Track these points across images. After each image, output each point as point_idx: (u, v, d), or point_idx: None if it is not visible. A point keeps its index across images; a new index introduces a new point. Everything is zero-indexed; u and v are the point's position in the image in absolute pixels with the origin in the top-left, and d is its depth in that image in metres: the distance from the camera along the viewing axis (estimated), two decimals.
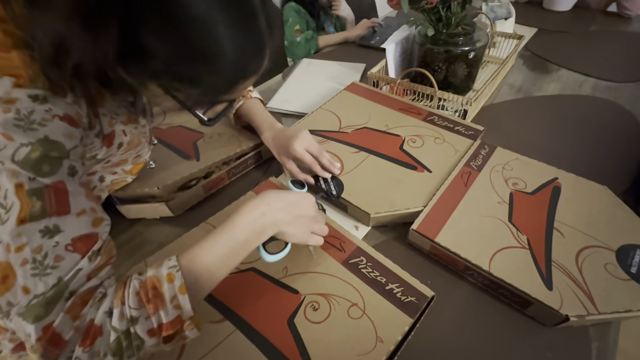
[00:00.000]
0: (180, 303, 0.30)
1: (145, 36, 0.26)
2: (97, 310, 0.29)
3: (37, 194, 0.27)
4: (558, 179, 0.53)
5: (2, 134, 0.26)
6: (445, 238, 0.45)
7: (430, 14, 0.72)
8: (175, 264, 0.32)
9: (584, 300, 0.38)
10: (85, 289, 0.29)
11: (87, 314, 0.29)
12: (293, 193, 0.41)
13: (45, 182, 0.28)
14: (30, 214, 0.27)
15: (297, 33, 1.19)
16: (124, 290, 0.30)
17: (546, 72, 0.88)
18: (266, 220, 0.36)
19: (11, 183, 0.26)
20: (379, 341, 0.36)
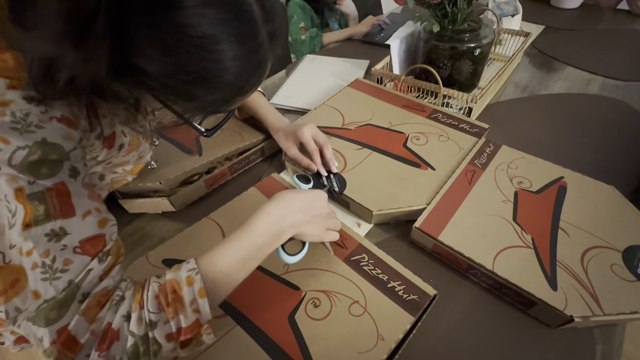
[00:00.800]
0: (200, 307, 0.30)
1: (140, 56, 0.25)
2: (114, 314, 0.29)
3: (38, 198, 0.27)
4: (564, 178, 0.52)
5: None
6: (449, 236, 0.45)
7: (436, 9, 0.71)
8: (194, 267, 0.31)
9: (589, 301, 0.38)
10: (100, 289, 0.29)
11: (105, 317, 0.28)
12: (307, 192, 0.40)
13: (46, 184, 0.27)
14: (34, 218, 0.26)
15: (302, 31, 1.18)
16: (142, 294, 0.30)
17: (553, 70, 0.87)
18: (284, 223, 0.37)
19: (10, 188, 0.26)
20: (380, 339, 0.35)
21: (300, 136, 0.55)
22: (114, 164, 0.42)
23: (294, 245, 0.39)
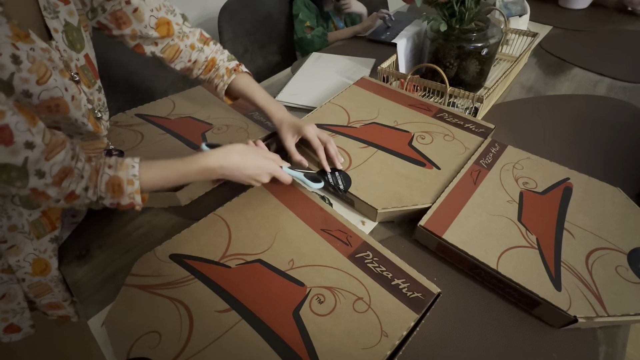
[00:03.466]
0: (134, 199, 0.41)
1: None
2: (76, 185, 0.38)
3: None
4: (570, 180, 0.52)
5: None
6: (453, 235, 0.45)
7: (444, 8, 0.70)
8: (136, 174, 0.40)
9: (593, 302, 0.38)
10: (62, 167, 0.36)
11: (69, 186, 0.37)
12: (252, 156, 0.47)
13: None
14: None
15: (307, 30, 1.18)
16: (97, 178, 0.39)
17: (560, 71, 0.86)
18: (217, 173, 0.45)
19: None
20: (383, 335, 0.36)
21: (305, 132, 0.55)
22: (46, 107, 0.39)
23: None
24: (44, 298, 0.46)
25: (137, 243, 0.52)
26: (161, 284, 0.41)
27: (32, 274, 0.43)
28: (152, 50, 0.54)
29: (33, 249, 0.42)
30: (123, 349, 0.36)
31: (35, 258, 0.43)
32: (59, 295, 0.46)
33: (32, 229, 0.41)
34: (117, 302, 0.40)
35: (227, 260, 0.44)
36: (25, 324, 0.48)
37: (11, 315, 0.46)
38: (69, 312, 0.49)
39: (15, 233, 0.41)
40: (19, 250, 0.42)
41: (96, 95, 0.48)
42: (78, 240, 0.52)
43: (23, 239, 0.42)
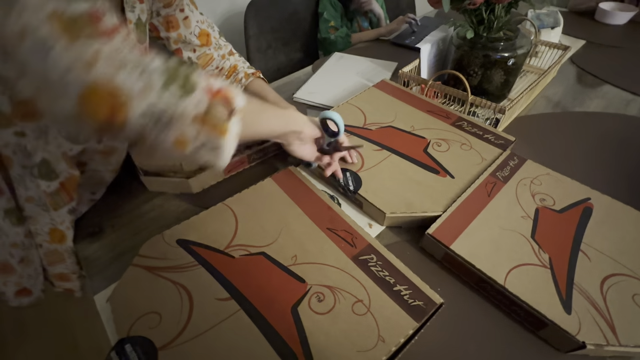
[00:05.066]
0: (230, 123, 0.32)
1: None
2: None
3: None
4: (590, 200, 0.50)
5: None
6: (461, 247, 0.44)
7: (472, 15, 0.69)
8: (241, 109, 0.33)
9: (605, 329, 0.36)
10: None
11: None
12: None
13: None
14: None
15: (331, 30, 1.18)
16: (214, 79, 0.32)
17: (590, 87, 0.83)
18: (292, 137, 0.47)
19: None
20: (380, 340, 0.35)
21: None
22: None
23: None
24: (56, 267, 0.48)
25: (147, 225, 0.53)
26: (166, 267, 0.42)
27: (50, 242, 0.45)
28: (189, 56, 0.61)
29: (50, 220, 0.44)
30: (124, 326, 0.37)
31: (52, 228, 0.45)
32: (69, 267, 0.48)
33: (49, 201, 0.43)
34: (123, 281, 0.41)
35: (232, 250, 0.44)
36: (37, 289, 0.50)
37: (25, 280, 0.48)
38: (75, 286, 0.51)
39: (32, 205, 0.43)
40: (36, 220, 0.44)
41: None
42: (93, 218, 0.54)
43: (39, 210, 0.44)
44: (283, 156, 0.65)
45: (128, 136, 0.28)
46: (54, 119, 0.27)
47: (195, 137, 0.30)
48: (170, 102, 0.28)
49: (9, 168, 0.40)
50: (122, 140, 0.34)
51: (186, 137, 0.30)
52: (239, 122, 0.32)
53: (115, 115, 0.26)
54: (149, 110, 0.27)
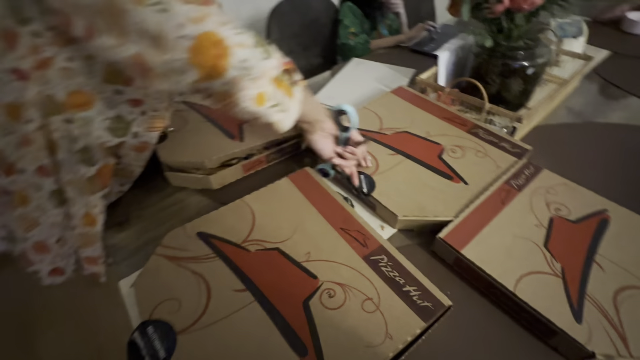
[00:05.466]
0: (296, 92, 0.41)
1: None
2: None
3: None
4: (608, 212, 0.49)
5: None
6: (472, 252, 0.44)
7: (492, 24, 0.69)
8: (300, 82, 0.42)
9: (616, 340, 0.36)
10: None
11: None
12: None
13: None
14: None
15: (351, 36, 1.20)
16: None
17: (613, 98, 0.81)
18: (317, 126, 0.51)
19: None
20: (388, 337, 0.36)
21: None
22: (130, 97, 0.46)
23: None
24: (86, 250, 0.51)
25: (170, 218, 0.56)
26: (186, 257, 0.45)
27: (83, 225, 0.49)
28: None
29: (85, 204, 0.48)
30: (147, 310, 0.39)
31: (85, 212, 0.48)
32: (97, 251, 0.51)
33: (86, 186, 0.47)
34: (146, 269, 0.44)
35: (248, 245, 0.46)
36: (69, 269, 0.54)
37: (59, 259, 0.51)
38: (101, 271, 0.54)
39: (72, 188, 0.47)
40: (73, 203, 0.48)
41: None
42: (120, 209, 0.58)
43: (77, 194, 0.47)
44: (299, 157, 0.67)
45: (222, 87, 0.33)
46: (162, 73, 0.32)
47: (272, 95, 0.36)
48: (257, 60, 0.34)
49: (56, 152, 0.44)
50: (212, 98, 0.37)
51: (265, 94, 0.36)
52: (301, 92, 0.40)
53: (217, 62, 0.31)
54: (243, 63, 0.32)
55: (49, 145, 0.43)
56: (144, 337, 0.36)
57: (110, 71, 0.43)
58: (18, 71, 0.39)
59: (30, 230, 0.47)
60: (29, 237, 0.47)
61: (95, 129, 0.44)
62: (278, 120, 0.40)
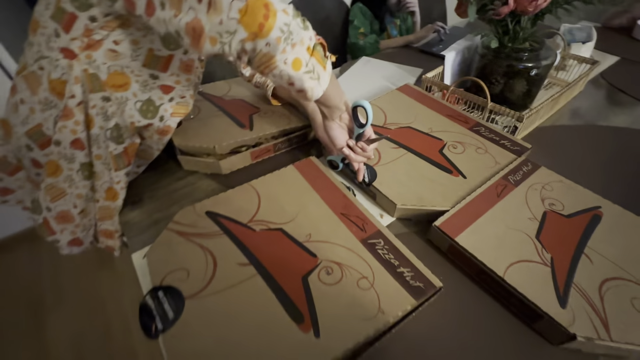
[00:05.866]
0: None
1: None
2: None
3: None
4: (601, 208, 0.51)
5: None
6: (466, 240, 0.46)
7: (498, 25, 0.71)
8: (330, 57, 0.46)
9: (598, 325, 0.38)
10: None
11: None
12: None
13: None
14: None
15: (360, 36, 1.22)
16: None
17: (617, 103, 0.82)
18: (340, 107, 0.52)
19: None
20: (380, 312, 0.38)
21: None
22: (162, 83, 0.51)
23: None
24: (104, 223, 0.55)
25: (180, 199, 0.59)
26: (195, 233, 0.48)
27: (105, 199, 0.53)
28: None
29: (109, 178, 0.51)
30: (158, 277, 0.42)
31: (109, 186, 0.52)
32: (114, 225, 0.55)
33: (113, 161, 0.50)
34: (158, 241, 0.47)
35: (254, 224, 0.49)
36: (87, 240, 0.58)
37: (80, 230, 0.55)
38: (115, 245, 0.58)
39: (99, 162, 0.50)
40: (99, 176, 0.51)
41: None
42: (135, 188, 0.61)
43: (103, 168, 0.51)
44: (306, 148, 0.70)
45: (264, 48, 0.36)
46: (214, 35, 0.35)
47: (307, 62, 0.40)
48: (298, 28, 0.37)
49: (91, 127, 0.48)
50: (254, 61, 0.39)
51: (301, 59, 0.39)
52: (331, 66, 0.43)
53: (264, 22, 0.34)
54: (285, 26, 0.36)
55: (87, 120, 0.47)
56: (155, 300, 0.39)
57: (150, 56, 0.47)
58: (67, 50, 0.43)
59: (56, 200, 0.51)
60: (54, 206, 0.51)
61: (128, 108, 0.49)
62: (310, 87, 0.42)
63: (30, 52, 0.45)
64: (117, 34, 0.44)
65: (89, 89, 0.46)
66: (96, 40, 0.43)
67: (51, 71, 0.44)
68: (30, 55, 0.45)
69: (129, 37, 0.45)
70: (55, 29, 0.42)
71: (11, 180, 0.56)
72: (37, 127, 0.47)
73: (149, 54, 0.47)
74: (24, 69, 0.46)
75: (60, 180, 0.50)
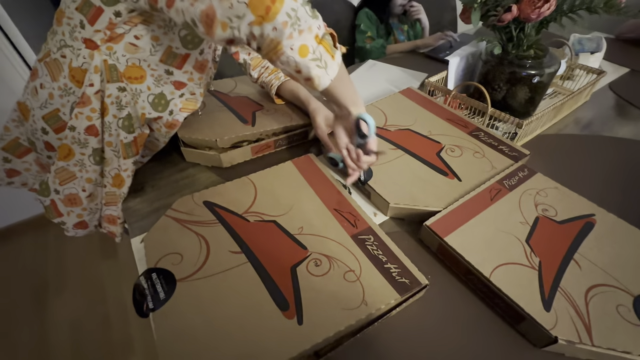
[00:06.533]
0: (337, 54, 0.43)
1: None
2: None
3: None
4: (595, 216, 0.50)
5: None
6: (455, 240, 0.47)
7: (502, 32, 0.72)
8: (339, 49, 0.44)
9: (581, 329, 0.38)
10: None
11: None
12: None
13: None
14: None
15: (368, 40, 1.24)
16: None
17: (623, 114, 0.81)
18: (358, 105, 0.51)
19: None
20: (364, 304, 0.39)
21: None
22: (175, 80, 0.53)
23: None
24: (109, 208, 0.57)
25: (181, 189, 0.61)
26: (192, 221, 0.50)
27: (112, 185, 0.55)
28: (244, 58, 0.70)
29: (118, 165, 0.54)
30: (153, 260, 0.44)
31: (116, 173, 0.54)
32: (118, 211, 0.57)
33: (122, 149, 0.53)
34: (156, 227, 0.49)
35: (248, 216, 0.51)
36: (92, 224, 0.60)
37: (87, 213, 0.58)
38: (117, 231, 0.60)
39: (109, 149, 0.53)
40: (108, 162, 0.54)
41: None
42: (138, 178, 0.63)
43: (113, 155, 0.53)
44: (306, 146, 0.72)
45: (272, 32, 0.37)
46: (225, 19, 0.36)
47: (314, 49, 0.40)
48: (306, 15, 0.38)
49: (105, 115, 0.50)
50: (262, 47, 0.39)
51: (308, 46, 0.39)
52: (340, 57, 0.43)
53: (271, 5, 0.35)
54: (293, 11, 0.36)
55: (102, 107, 0.50)
56: (148, 280, 0.41)
57: (168, 53, 0.50)
58: (90, 41, 0.46)
59: (65, 183, 0.53)
60: (62, 189, 0.54)
61: (141, 100, 0.51)
62: (317, 75, 0.42)
63: (53, 40, 0.48)
64: (139, 29, 0.46)
65: (107, 78, 0.48)
66: (118, 34, 0.46)
67: (73, 59, 0.47)
68: (53, 44, 0.48)
69: (150, 33, 0.47)
70: (80, 20, 0.45)
71: (19, 162, 0.59)
72: (55, 112, 0.50)
73: (167, 51, 0.50)
74: (46, 56, 0.48)
75: (71, 164, 0.52)
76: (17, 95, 0.54)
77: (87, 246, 1.41)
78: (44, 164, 0.59)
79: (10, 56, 1.17)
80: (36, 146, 0.56)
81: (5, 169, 0.59)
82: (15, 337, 1.16)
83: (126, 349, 1.11)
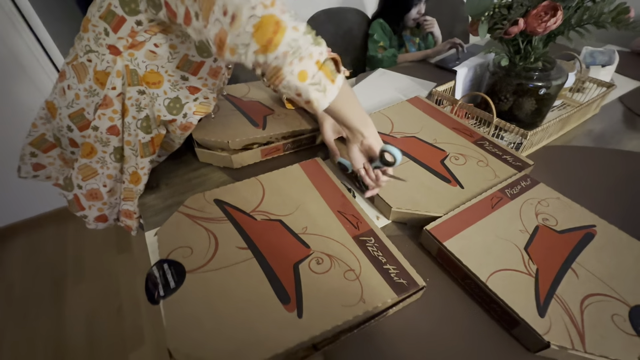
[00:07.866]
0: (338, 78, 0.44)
1: None
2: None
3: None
4: (595, 227, 0.51)
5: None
6: (454, 245, 0.48)
7: (509, 44, 0.73)
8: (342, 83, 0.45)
9: (574, 336, 0.38)
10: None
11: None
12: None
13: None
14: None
15: (380, 49, 1.27)
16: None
17: (632, 127, 0.81)
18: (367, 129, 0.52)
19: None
20: (362, 301, 0.41)
21: (342, 133, 0.62)
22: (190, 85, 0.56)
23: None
24: (126, 203, 0.61)
25: (193, 188, 0.65)
26: (202, 217, 0.52)
27: (129, 182, 0.59)
28: None
29: (135, 163, 0.57)
30: (165, 252, 0.47)
31: (134, 170, 0.58)
32: (134, 207, 0.61)
33: (140, 149, 0.56)
34: (169, 222, 0.52)
35: (256, 214, 0.53)
36: (111, 218, 0.64)
37: (107, 207, 0.61)
38: (133, 225, 0.63)
39: (128, 148, 0.56)
40: (127, 160, 0.57)
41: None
42: (154, 175, 0.67)
43: (131, 154, 0.57)
44: (313, 150, 0.74)
45: (274, 61, 0.39)
46: (233, 46, 0.38)
47: (314, 74, 0.42)
48: (306, 43, 0.40)
49: (125, 116, 0.54)
50: (267, 73, 0.41)
51: (308, 71, 0.41)
52: (342, 80, 0.44)
53: (273, 37, 0.37)
54: (294, 41, 0.38)
55: (123, 109, 0.54)
56: (160, 270, 0.44)
57: (185, 60, 0.54)
58: (113, 47, 0.50)
59: (88, 179, 0.57)
60: (85, 185, 0.58)
61: (157, 103, 0.55)
62: (316, 98, 0.43)
63: (79, 45, 0.52)
64: (158, 38, 0.50)
65: (128, 82, 0.52)
66: (139, 42, 0.49)
67: (97, 64, 0.51)
68: (80, 48, 0.52)
69: (169, 42, 0.50)
70: (105, 28, 0.49)
71: (44, 157, 0.63)
72: (80, 111, 0.54)
73: (184, 58, 0.53)
74: (74, 59, 0.53)
75: (94, 161, 0.56)
76: (43, 93, 0.59)
77: (104, 240, 1.46)
78: (66, 159, 0.63)
79: (40, 57, 1.24)
80: (61, 142, 0.60)
81: (32, 162, 0.64)
82: (34, 326, 1.21)
83: (137, 339, 1.15)
